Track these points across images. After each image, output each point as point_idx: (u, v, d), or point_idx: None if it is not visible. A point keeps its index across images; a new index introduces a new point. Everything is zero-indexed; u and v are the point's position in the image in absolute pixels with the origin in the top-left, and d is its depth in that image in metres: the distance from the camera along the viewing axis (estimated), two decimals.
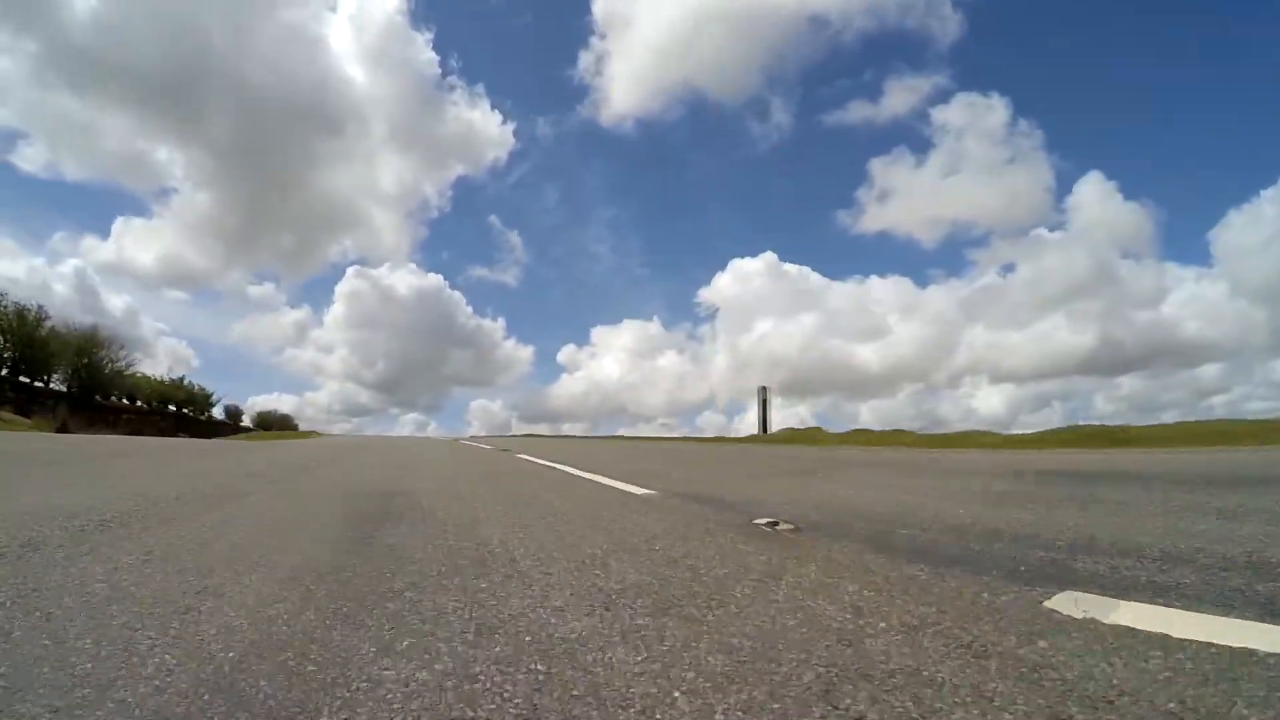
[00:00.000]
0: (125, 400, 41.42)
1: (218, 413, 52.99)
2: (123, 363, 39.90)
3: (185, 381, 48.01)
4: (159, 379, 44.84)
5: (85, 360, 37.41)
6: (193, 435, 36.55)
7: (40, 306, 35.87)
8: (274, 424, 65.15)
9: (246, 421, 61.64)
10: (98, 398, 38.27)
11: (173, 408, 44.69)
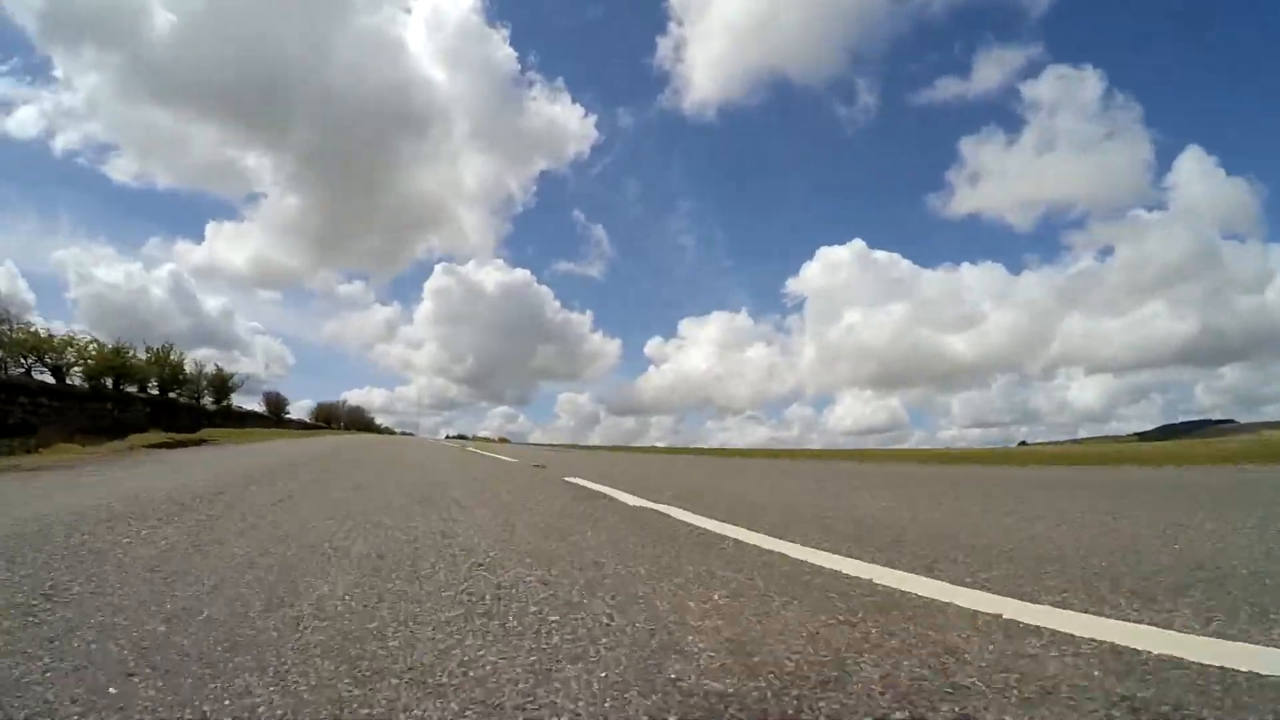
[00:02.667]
0: (52, 378, 24.31)
1: (247, 400, 39.56)
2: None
3: (172, 356, 30.70)
4: (114, 347, 26.78)
5: None
6: (175, 428, 23.50)
7: None
8: (340, 418, 58.80)
9: (302, 414, 51.12)
10: None
11: (155, 390, 29.61)
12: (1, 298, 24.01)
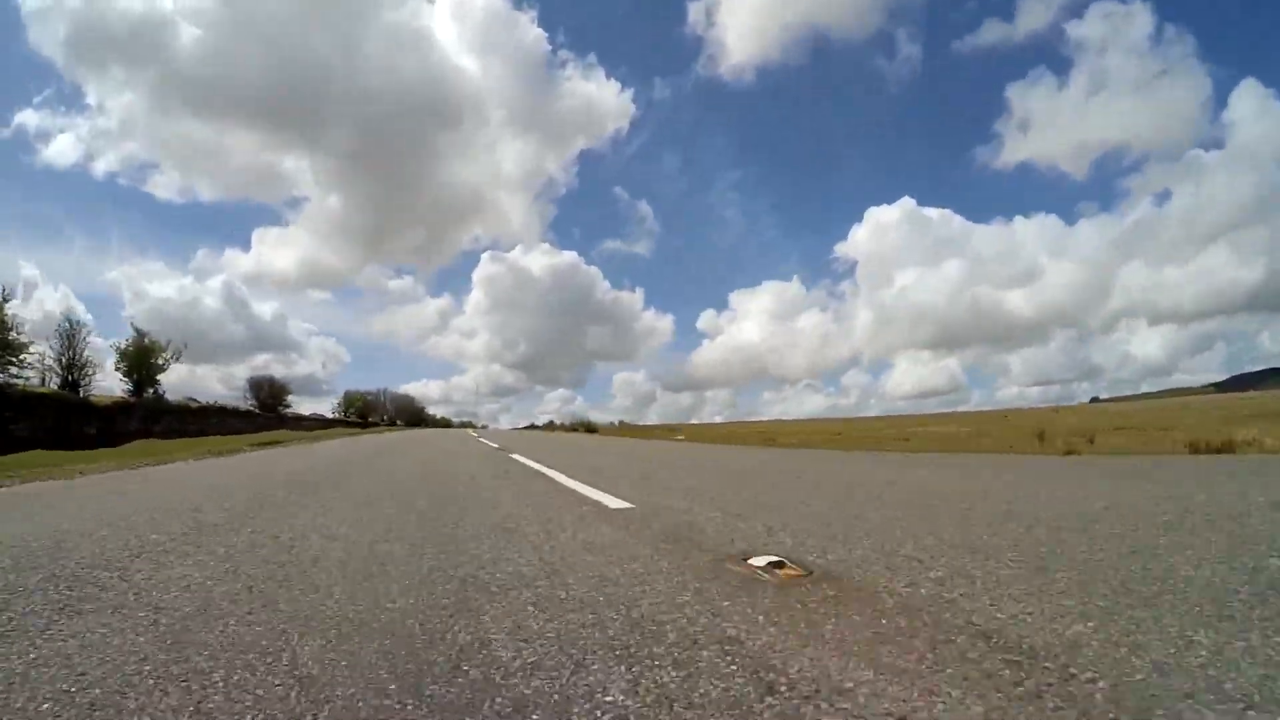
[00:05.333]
0: None
1: (227, 387, 25.87)
2: None
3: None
4: None
5: None
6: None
7: None
8: (383, 410, 52.01)
9: (322, 408, 41.90)
10: None
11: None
12: None
